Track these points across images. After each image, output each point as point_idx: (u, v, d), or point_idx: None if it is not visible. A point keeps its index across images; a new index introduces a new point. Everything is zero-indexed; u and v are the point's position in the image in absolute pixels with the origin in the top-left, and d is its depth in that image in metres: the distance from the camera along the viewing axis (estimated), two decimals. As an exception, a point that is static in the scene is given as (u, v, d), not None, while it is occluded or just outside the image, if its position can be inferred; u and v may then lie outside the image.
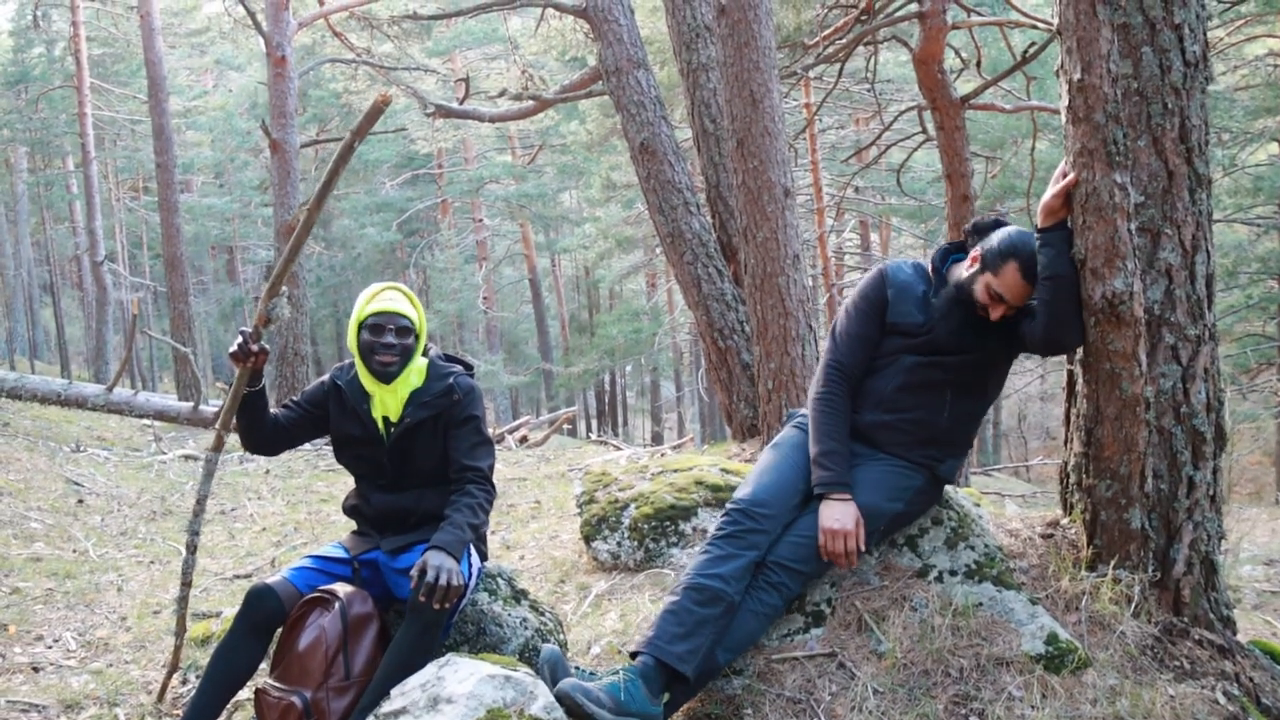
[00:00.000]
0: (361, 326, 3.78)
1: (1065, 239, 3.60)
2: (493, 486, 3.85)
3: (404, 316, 3.76)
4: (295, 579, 3.72)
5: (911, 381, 3.82)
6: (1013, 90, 12.57)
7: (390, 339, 3.73)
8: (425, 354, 3.93)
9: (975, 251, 3.76)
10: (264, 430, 3.95)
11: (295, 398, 4.05)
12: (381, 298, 3.80)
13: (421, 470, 3.85)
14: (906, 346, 3.84)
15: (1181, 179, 3.61)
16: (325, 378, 4.02)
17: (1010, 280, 3.63)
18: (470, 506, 3.67)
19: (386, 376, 3.76)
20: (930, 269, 3.95)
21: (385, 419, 3.83)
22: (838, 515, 3.58)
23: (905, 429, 3.82)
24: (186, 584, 4.13)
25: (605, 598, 4.80)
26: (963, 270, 3.80)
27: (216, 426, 4.06)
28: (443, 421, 3.82)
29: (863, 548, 3.59)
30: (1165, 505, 3.72)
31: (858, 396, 3.93)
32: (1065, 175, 3.59)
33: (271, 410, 3.98)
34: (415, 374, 3.84)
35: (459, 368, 3.96)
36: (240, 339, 3.76)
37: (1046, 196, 3.62)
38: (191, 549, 4.10)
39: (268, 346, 3.83)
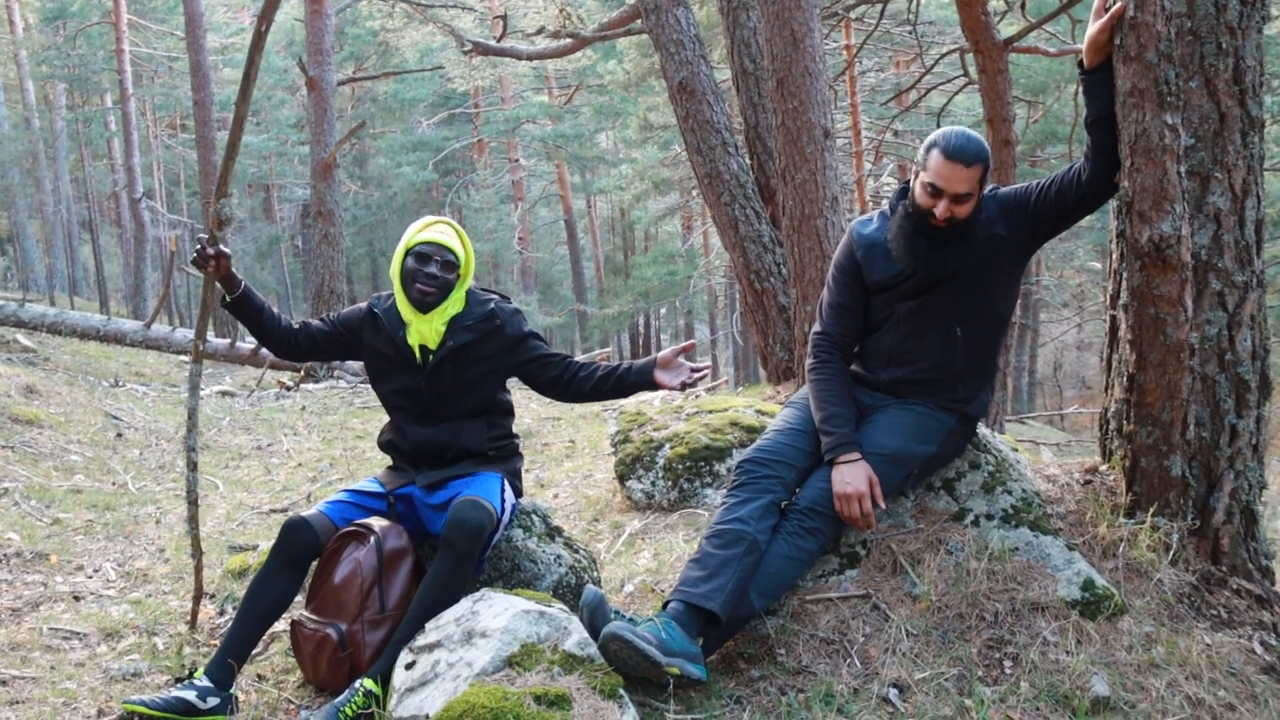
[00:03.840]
0: (408, 253, 3.79)
1: (1111, 77, 3.46)
2: None
3: (451, 251, 3.78)
4: (331, 513, 3.75)
5: (915, 329, 3.77)
6: (1057, 34, 12.37)
7: (434, 269, 3.74)
8: None
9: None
10: (273, 334, 4.00)
11: (331, 314, 4.08)
12: (433, 229, 3.82)
13: (458, 403, 3.85)
14: (897, 295, 3.78)
15: (1234, 121, 3.54)
16: (363, 304, 4.02)
17: (937, 166, 3.53)
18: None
19: (424, 306, 3.76)
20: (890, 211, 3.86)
21: (423, 348, 3.82)
22: (848, 478, 3.53)
23: (924, 380, 3.77)
24: (193, 502, 4.18)
25: (639, 537, 4.82)
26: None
27: (194, 338, 4.12)
28: (491, 346, 3.85)
29: (881, 505, 3.54)
30: (1206, 453, 3.69)
31: (868, 357, 3.92)
32: (1107, 8, 3.44)
33: (305, 319, 4.01)
34: (455, 303, 3.85)
35: (496, 296, 3.99)
36: (198, 245, 3.79)
37: (1092, 30, 3.46)
38: (192, 466, 4.18)
39: (226, 249, 3.85)
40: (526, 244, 35.69)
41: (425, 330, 3.81)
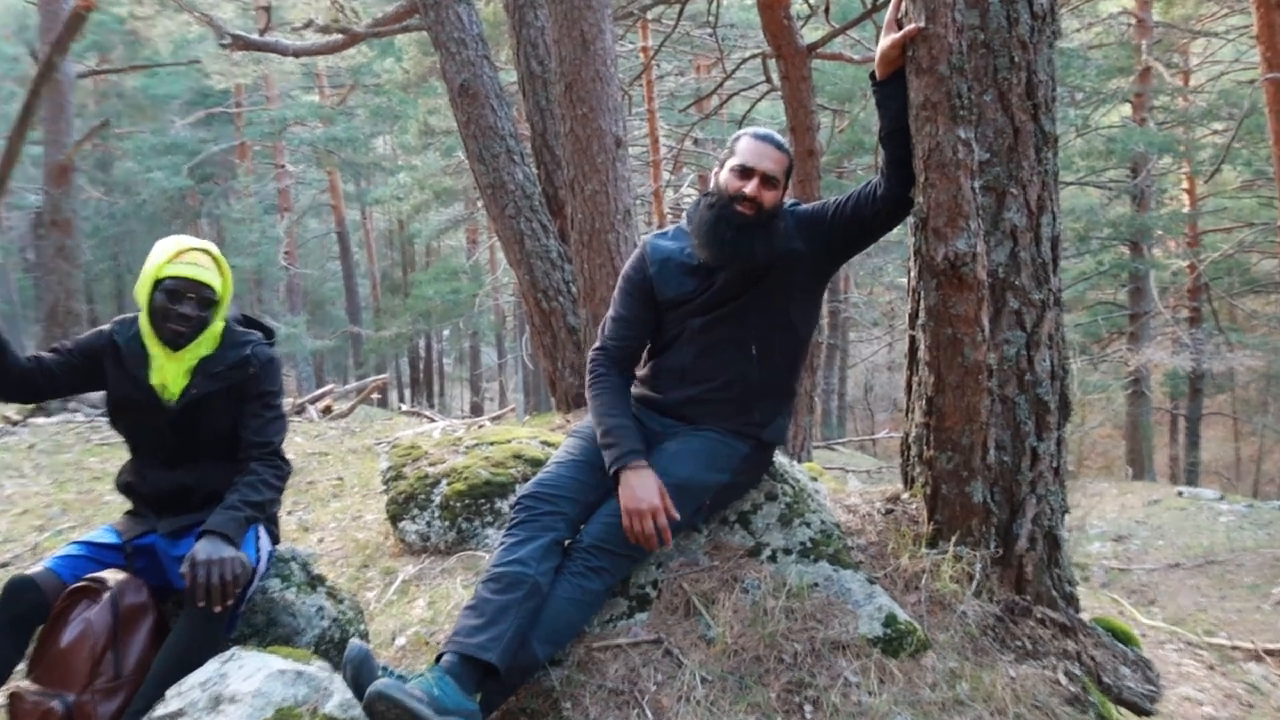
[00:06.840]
0: (157, 286, 3.60)
1: (904, 90, 3.63)
2: (284, 461, 3.76)
3: (209, 287, 3.61)
4: (59, 568, 3.56)
5: (708, 344, 3.84)
6: (862, 40, 12.81)
7: (188, 309, 3.58)
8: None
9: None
10: (10, 374, 3.68)
11: (68, 342, 3.81)
12: (186, 259, 3.61)
13: (206, 444, 3.71)
14: (689, 311, 3.86)
15: (1028, 136, 3.72)
16: (105, 328, 3.79)
17: (746, 147, 3.78)
18: (252, 484, 3.57)
19: (175, 345, 3.61)
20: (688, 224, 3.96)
21: (164, 386, 3.67)
22: (636, 491, 3.54)
23: (717, 399, 3.83)
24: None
25: (413, 583, 4.76)
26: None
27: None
28: (235, 394, 3.70)
29: (675, 516, 3.56)
30: (1008, 478, 3.84)
31: (659, 377, 3.96)
32: (899, 24, 3.61)
33: (36, 353, 3.75)
34: (207, 341, 3.69)
35: (258, 334, 3.83)
36: None
37: (883, 45, 3.64)
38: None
39: None
40: (294, 259, 34.97)
41: (170, 371, 3.64)
